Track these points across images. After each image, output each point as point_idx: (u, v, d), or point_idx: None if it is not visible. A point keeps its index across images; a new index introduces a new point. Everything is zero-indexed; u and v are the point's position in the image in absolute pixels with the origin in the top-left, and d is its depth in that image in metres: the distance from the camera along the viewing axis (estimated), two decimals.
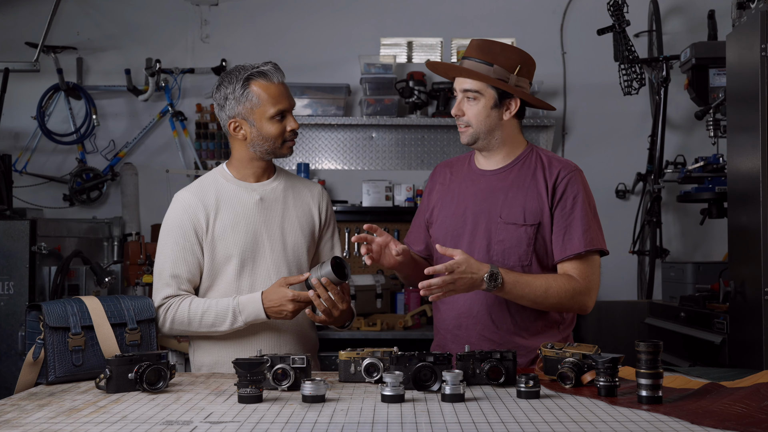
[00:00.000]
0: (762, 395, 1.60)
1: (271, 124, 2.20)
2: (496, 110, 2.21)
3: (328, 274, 2.08)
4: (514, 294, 2.08)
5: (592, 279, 2.16)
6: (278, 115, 2.20)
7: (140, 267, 4.09)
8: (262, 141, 2.22)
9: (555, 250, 2.18)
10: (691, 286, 3.58)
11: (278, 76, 2.21)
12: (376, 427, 1.46)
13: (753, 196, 2.65)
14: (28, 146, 4.75)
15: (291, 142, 2.26)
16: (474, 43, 2.23)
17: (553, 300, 2.12)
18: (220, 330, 2.18)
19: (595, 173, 2.40)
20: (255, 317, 2.16)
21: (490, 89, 2.19)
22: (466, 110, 2.21)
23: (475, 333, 2.21)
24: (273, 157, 2.29)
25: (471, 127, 2.22)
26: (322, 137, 4.83)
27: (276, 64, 2.24)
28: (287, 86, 2.25)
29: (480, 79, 2.18)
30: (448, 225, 2.28)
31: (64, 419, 1.54)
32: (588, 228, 2.16)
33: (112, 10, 4.87)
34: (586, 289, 2.15)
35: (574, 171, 2.23)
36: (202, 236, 2.23)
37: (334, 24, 4.86)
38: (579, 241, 2.15)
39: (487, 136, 2.23)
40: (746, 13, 2.87)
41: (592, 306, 2.18)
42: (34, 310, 2.04)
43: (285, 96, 2.22)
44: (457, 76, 2.24)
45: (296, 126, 2.24)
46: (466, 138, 2.24)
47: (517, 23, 4.81)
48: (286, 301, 2.11)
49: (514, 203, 2.20)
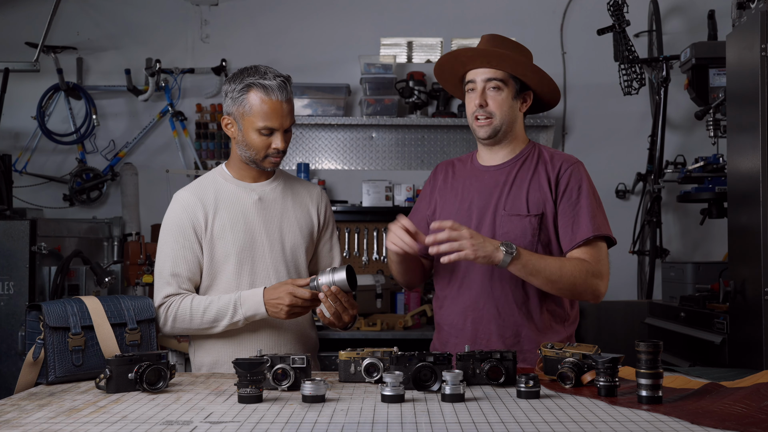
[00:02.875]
0: (762, 395, 1.60)
1: (256, 136, 2.18)
2: (516, 102, 2.23)
3: (341, 282, 2.07)
4: (529, 267, 2.04)
5: (603, 264, 2.16)
6: (265, 130, 2.17)
7: (140, 267, 4.09)
8: (245, 147, 2.22)
9: (564, 239, 2.19)
10: (691, 286, 3.58)
11: (279, 94, 2.16)
12: (376, 427, 1.46)
13: (753, 196, 2.65)
14: (28, 146, 4.76)
15: (275, 159, 2.23)
16: (486, 37, 2.23)
17: (568, 279, 2.08)
18: (221, 325, 2.17)
19: (595, 173, 2.40)
20: (255, 311, 2.15)
21: (512, 80, 2.20)
22: (490, 101, 2.20)
23: (483, 328, 2.20)
24: (255, 166, 2.26)
25: (494, 118, 2.20)
26: (322, 137, 4.83)
27: (287, 80, 2.20)
28: (290, 106, 2.20)
29: (512, 65, 2.16)
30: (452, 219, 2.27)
31: (64, 419, 1.54)
32: (594, 215, 2.17)
33: (112, 10, 4.87)
34: (599, 273, 2.13)
35: (576, 163, 2.25)
36: (201, 235, 2.23)
37: (334, 24, 4.86)
38: (587, 227, 2.16)
39: (507, 129, 2.24)
40: (746, 13, 2.87)
41: (605, 292, 2.16)
42: (34, 310, 2.04)
43: (279, 115, 2.17)
44: (478, 67, 2.20)
45: (282, 147, 2.19)
46: (488, 131, 2.22)
47: (517, 23, 4.81)
48: (285, 294, 2.10)
49: (518, 195, 2.21)
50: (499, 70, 2.19)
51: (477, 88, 2.22)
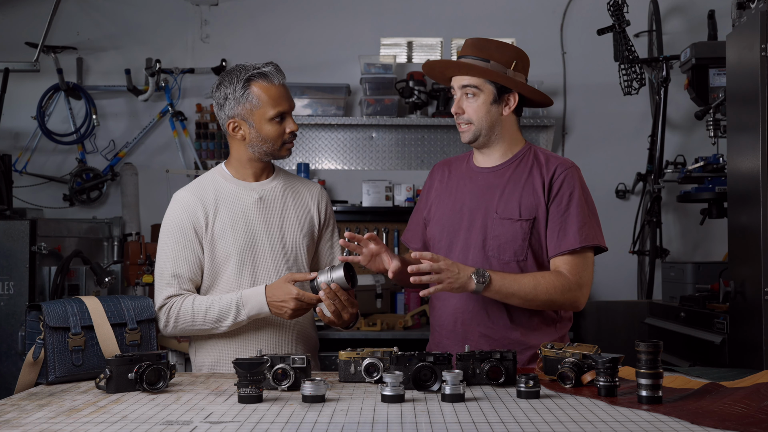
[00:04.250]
0: (762, 395, 1.60)
1: (270, 126, 2.20)
2: (496, 106, 2.22)
3: (339, 279, 2.07)
4: (503, 292, 2.08)
5: (584, 275, 2.16)
6: (278, 117, 2.20)
7: (140, 267, 4.09)
8: (260, 142, 2.22)
9: (549, 245, 2.19)
10: (691, 286, 3.58)
11: (279, 78, 2.21)
12: (376, 427, 1.46)
13: (753, 196, 2.65)
14: (28, 146, 4.75)
15: (290, 144, 2.26)
16: (469, 41, 2.24)
17: (543, 297, 2.11)
18: (225, 325, 2.17)
19: (595, 173, 2.40)
20: (258, 311, 2.15)
21: (488, 84, 2.20)
22: (466, 107, 2.22)
23: (472, 330, 2.21)
24: (271, 158, 2.28)
25: (472, 124, 2.22)
26: (322, 137, 4.83)
27: (277, 65, 2.23)
28: (287, 87, 2.25)
29: (477, 73, 2.18)
30: (444, 221, 2.29)
31: (64, 419, 1.54)
32: (584, 225, 2.17)
33: (112, 10, 4.87)
34: (576, 285, 2.14)
35: (571, 168, 2.24)
36: (201, 235, 2.23)
37: (334, 24, 4.86)
38: (574, 237, 2.15)
39: (488, 133, 2.24)
40: (746, 13, 2.87)
41: (584, 302, 2.18)
42: (34, 310, 2.04)
43: (285, 98, 2.21)
44: (455, 75, 2.24)
45: (295, 128, 2.23)
46: (468, 136, 2.24)
47: (517, 23, 4.81)
48: (290, 299, 2.10)
49: (510, 199, 2.21)
50: (473, 77, 2.20)
51: (456, 94, 2.24)
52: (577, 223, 2.16)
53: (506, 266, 2.19)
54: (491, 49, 2.20)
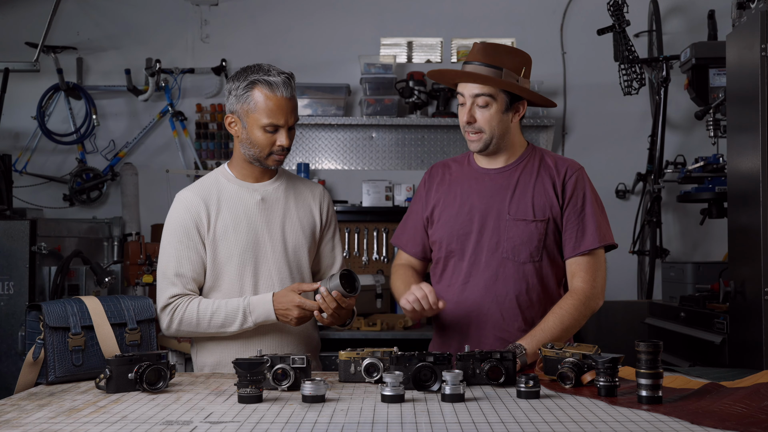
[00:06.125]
0: (762, 395, 1.60)
1: (260, 133, 2.17)
2: (508, 114, 2.20)
3: (336, 287, 2.07)
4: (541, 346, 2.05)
5: (598, 276, 2.19)
6: (270, 127, 2.17)
7: (140, 267, 4.09)
8: (249, 145, 2.21)
9: (566, 246, 2.20)
10: (691, 286, 3.58)
11: (284, 90, 2.15)
12: (376, 427, 1.46)
13: (753, 196, 2.65)
14: (28, 146, 4.75)
15: (279, 156, 2.22)
16: (478, 46, 2.19)
17: (572, 327, 2.14)
18: (230, 330, 2.18)
19: (595, 173, 2.40)
20: (265, 318, 2.16)
21: (501, 93, 2.17)
22: (478, 117, 2.18)
23: (486, 331, 2.21)
24: (258, 164, 2.26)
25: (483, 132, 2.19)
26: (322, 137, 4.83)
27: (291, 77, 2.19)
28: (294, 103, 2.20)
29: (495, 84, 2.15)
30: (453, 224, 2.26)
31: (64, 419, 1.54)
32: (599, 224, 2.19)
33: (112, 10, 4.87)
34: (592, 295, 2.17)
35: (580, 169, 2.26)
36: (204, 235, 2.22)
37: (334, 24, 4.86)
38: (592, 237, 2.18)
39: (498, 141, 2.22)
40: (746, 13, 2.87)
41: (602, 302, 2.21)
42: (34, 310, 2.04)
43: (284, 111, 2.16)
44: (470, 83, 2.17)
45: (287, 144, 2.19)
46: (479, 145, 2.21)
47: (517, 23, 4.81)
48: (293, 306, 2.11)
49: (522, 200, 2.21)
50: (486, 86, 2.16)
51: (466, 102, 2.19)
52: (594, 224, 2.18)
53: (522, 267, 2.19)
54: (502, 56, 2.16)
